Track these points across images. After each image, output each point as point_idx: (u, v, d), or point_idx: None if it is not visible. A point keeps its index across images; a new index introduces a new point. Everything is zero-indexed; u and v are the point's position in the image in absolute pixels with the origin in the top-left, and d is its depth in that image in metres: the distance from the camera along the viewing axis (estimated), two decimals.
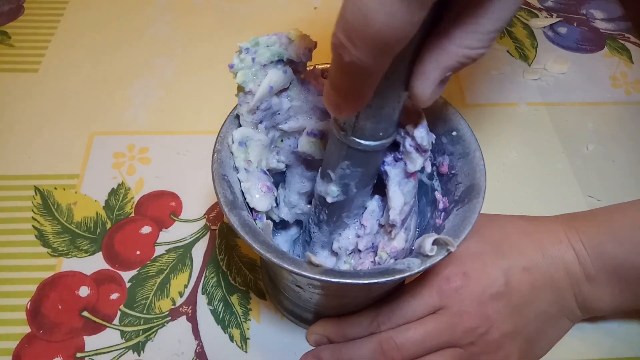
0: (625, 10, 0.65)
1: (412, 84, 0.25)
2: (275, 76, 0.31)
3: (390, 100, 0.26)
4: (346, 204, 0.32)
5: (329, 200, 0.32)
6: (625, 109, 0.55)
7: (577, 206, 0.47)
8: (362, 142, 0.27)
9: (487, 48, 0.24)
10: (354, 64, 0.21)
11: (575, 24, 0.63)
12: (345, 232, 0.35)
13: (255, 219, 0.32)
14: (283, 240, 0.39)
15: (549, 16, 0.64)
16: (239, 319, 0.41)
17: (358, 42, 0.20)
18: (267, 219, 0.33)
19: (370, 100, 0.24)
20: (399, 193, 0.31)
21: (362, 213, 0.34)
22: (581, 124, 0.53)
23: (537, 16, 0.64)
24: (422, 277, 0.37)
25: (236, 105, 0.33)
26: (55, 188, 0.47)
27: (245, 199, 0.32)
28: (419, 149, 0.29)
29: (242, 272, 0.43)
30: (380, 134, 0.27)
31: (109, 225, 0.45)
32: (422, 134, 0.29)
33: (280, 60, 0.31)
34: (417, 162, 0.30)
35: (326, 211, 0.33)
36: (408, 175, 0.31)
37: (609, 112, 0.55)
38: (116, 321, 0.40)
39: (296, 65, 0.32)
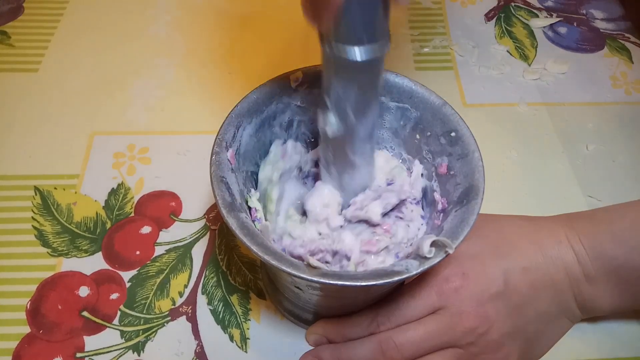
0: (625, 10, 0.65)
1: None
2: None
3: None
4: (348, 138, 0.31)
5: (329, 133, 0.31)
6: (625, 109, 0.55)
7: (577, 206, 0.47)
8: (346, 48, 0.26)
9: None
10: None
11: (575, 24, 0.63)
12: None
13: (254, 221, 0.32)
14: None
15: (549, 16, 0.64)
16: (238, 319, 0.41)
17: None
18: (266, 220, 0.33)
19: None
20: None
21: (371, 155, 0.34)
22: (581, 124, 0.53)
23: (537, 16, 0.64)
24: (422, 278, 0.37)
25: (234, 108, 0.33)
26: (55, 188, 0.47)
27: (246, 202, 0.32)
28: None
29: (242, 272, 0.43)
30: (365, 37, 0.26)
31: (108, 225, 0.45)
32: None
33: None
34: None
35: (331, 149, 0.33)
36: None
37: (609, 112, 0.54)
38: (116, 321, 0.40)
39: None
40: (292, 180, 0.36)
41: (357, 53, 0.26)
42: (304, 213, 0.35)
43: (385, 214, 0.34)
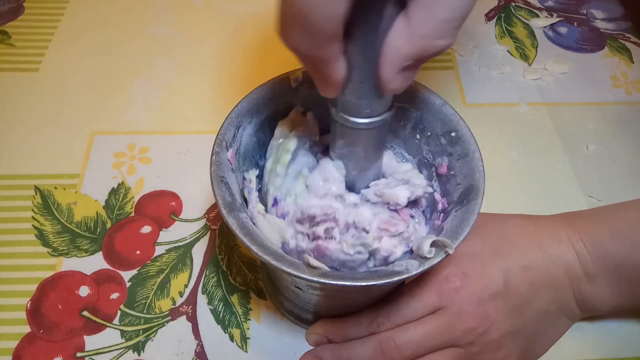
0: (625, 10, 0.65)
1: (377, 67, 0.25)
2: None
3: (369, 76, 0.26)
4: (350, 188, 0.34)
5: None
6: (625, 109, 0.55)
7: (577, 206, 0.47)
8: (350, 118, 0.28)
9: (448, 39, 0.24)
10: (303, 53, 0.23)
11: (575, 24, 0.63)
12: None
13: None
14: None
15: (549, 16, 0.64)
16: (239, 318, 0.41)
17: (296, 36, 0.23)
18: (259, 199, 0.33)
19: (351, 76, 0.26)
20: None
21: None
22: (581, 124, 0.53)
23: (538, 16, 0.64)
24: (422, 278, 0.37)
25: (234, 108, 0.33)
26: (56, 188, 0.47)
27: (245, 200, 0.32)
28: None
29: (242, 272, 0.43)
30: (367, 110, 0.28)
31: (109, 225, 0.45)
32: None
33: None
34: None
35: None
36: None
37: (609, 112, 0.54)
38: (116, 321, 0.40)
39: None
40: (304, 151, 0.36)
41: (361, 122, 0.29)
42: None
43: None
